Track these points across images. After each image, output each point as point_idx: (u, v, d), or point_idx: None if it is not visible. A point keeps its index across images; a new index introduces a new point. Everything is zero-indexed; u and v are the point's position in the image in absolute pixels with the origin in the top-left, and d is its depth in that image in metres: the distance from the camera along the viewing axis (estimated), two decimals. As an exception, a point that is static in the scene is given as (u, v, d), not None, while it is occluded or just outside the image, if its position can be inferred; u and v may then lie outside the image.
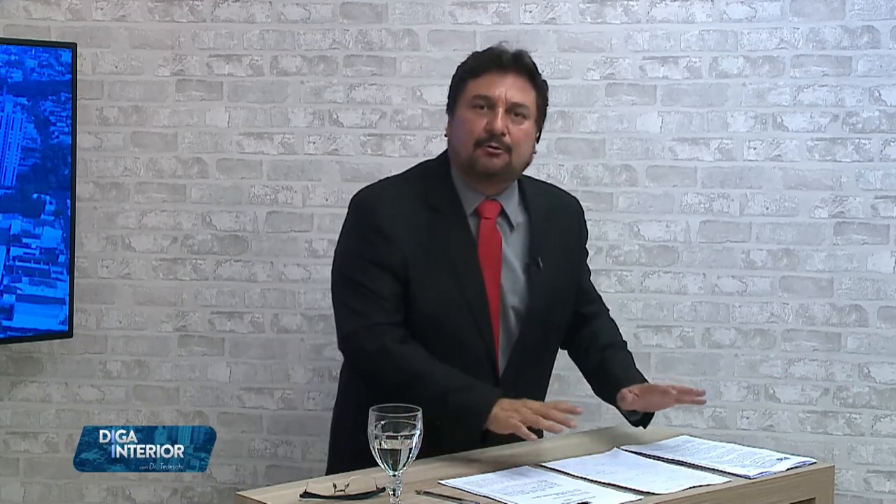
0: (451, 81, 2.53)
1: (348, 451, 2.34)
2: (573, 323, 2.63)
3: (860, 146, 3.39)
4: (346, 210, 2.55)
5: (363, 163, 3.51)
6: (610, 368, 2.53)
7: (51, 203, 3.33)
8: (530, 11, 3.47)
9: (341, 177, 3.52)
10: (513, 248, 2.49)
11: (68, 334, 3.42)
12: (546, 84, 2.53)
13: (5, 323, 3.30)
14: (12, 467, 3.60)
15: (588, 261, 2.73)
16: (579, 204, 2.71)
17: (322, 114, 3.54)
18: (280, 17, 3.53)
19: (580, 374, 3.50)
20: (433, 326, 2.42)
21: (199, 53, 3.55)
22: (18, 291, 3.30)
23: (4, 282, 3.28)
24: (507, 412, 2.26)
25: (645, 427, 2.46)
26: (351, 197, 2.56)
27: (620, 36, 3.46)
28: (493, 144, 2.40)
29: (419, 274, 2.41)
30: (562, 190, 2.76)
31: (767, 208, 3.43)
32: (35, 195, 3.31)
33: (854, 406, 3.42)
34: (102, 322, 3.59)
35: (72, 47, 3.35)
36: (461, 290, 2.42)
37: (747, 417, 3.46)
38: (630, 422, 2.46)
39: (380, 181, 2.62)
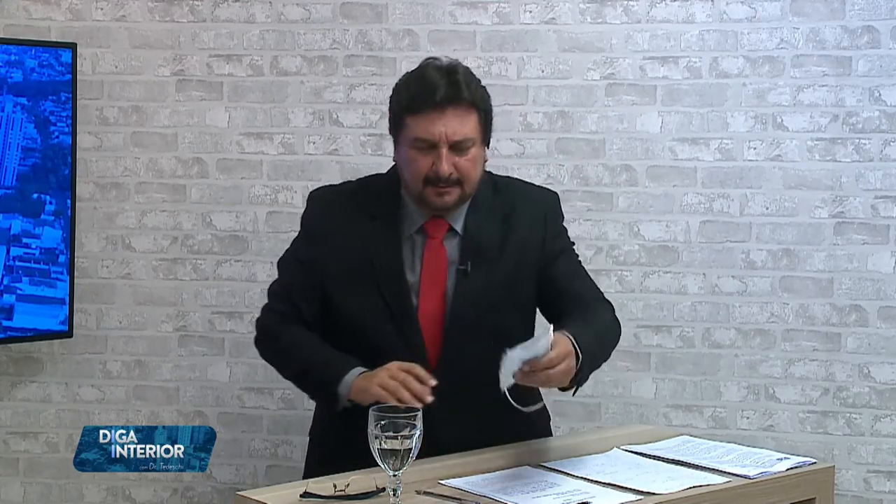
0: (390, 109, 2.47)
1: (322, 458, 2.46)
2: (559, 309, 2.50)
3: (860, 146, 3.39)
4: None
5: (363, 163, 3.51)
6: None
7: (51, 203, 3.33)
8: (530, 11, 3.47)
9: (341, 177, 3.51)
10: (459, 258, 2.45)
11: (68, 334, 3.42)
12: (487, 95, 2.45)
13: (5, 323, 3.30)
14: (12, 467, 3.60)
15: (587, 261, 2.67)
16: (549, 197, 2.60)
17: (322, 114, 3.54)
18: (280, 17, 3.53)
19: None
20: (355, 336, 2.43)
21: (199, 53, 3.55)
22: (18, 291, 3.30)
23: (4, 282, 3.28)
24: (368, 382, 2.27)
25: (573, 393, 2.34)
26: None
27: (620, 36, 3.46)
28: (442, 184, 2.36)
29: (341, 281, 2.44)
30: (531, 185, 2.67)
31: (767, 208, 3.43)
32: (35, 195, 3.31)
33: (854, 406, 3.42)
34: (102, 322, 3.59)
35: (72, 47, 3.35)
36: (386, 303, 2.41)
37: (747, 417, 3.46)
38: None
39: (339, 184, 2.69)
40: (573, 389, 2.33)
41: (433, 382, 2.23)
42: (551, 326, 2.18)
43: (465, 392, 2.35)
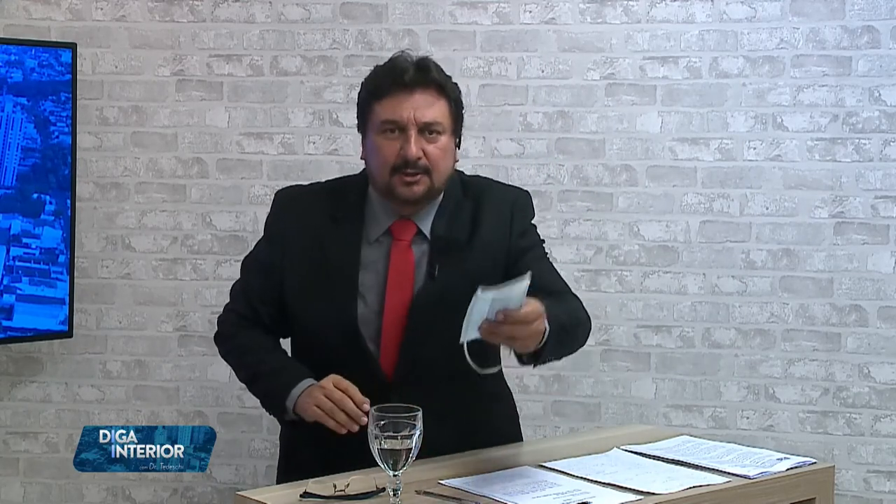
0: (358, 100, 2.43)
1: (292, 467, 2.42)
2: None
3: (860, 146, 3.39)
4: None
5: (363, 163, 3.50)
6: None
7: (51, 203, 3.33)
8: (530, 11, 3.47)
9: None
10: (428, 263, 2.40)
11: (68, 334, 3.42)
12: (457, 87, 2.41)
13: (5, 323, 3.30)
14: (12, 467, 3.60)
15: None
16: (517, 195, 2.51)
17: (322, 114, 3.54)
18: (280, 17, 3.53)
19: (580, 373, 3.52)
20: (309, 340, 2.42)
21: (199, 53, 3.55)
22: (18, 291, 3.30)
23: (4, 282, 3.28)
24: (307, 400, 2.26)
25: (534, 365, 2.23)
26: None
27: (620, 36, 3.46)
28: (410, 171, 2.31)
29: (296, 284, 2.40)
30: (500, 184, 2.59)
31: (767, 208, 3.43)
32: (35, 195, 3.31)
33: (854, 406, 3.42)
34: (102, 322, 3.59)
35: (72, 47, 3.35)
36: (334, 307, 2.36)
37: (747, 417, 3.46)
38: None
39: (307, 184, 2.62)
40: (533, 364, 2.21)
41: (367, 407, 2.17)
42: (529, 272, 2.02)
43: (427, 394, 2.26)
